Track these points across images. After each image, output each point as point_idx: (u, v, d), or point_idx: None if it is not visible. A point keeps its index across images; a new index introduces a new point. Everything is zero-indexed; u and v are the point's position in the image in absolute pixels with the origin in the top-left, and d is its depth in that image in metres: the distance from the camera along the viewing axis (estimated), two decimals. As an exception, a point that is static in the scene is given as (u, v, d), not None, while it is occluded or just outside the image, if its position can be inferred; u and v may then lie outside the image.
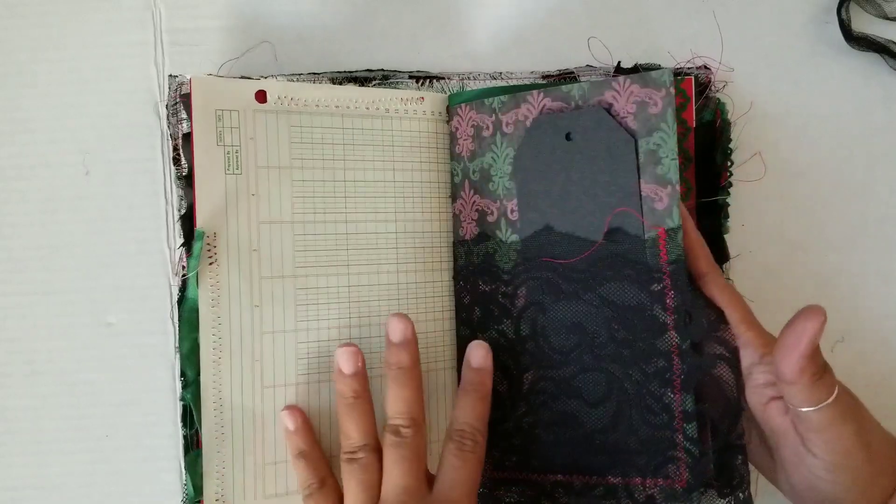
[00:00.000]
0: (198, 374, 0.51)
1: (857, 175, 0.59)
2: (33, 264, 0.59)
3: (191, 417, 0.52)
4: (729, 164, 0.55)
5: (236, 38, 0.58)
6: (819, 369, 0.45)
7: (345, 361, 0.51)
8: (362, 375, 0.51)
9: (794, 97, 0.59)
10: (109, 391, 0.58)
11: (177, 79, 0.54)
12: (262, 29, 0.58)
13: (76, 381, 0.59)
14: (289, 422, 0.51)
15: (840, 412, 0.45)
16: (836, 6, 0.59)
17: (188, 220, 0.52)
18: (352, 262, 0.54)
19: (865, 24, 0.59)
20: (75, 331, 0.59)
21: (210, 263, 0.51)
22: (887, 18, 0.59)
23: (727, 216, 0.55)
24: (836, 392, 0.45)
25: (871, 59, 0.59)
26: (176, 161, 0.54)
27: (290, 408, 0.52)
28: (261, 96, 0.52)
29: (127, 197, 0.59)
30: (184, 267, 0.53)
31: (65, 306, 0.59)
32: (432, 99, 0.56)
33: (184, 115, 0.54)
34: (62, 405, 0.59)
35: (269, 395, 0.52)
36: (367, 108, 0.54)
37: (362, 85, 0.56)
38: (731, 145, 0.55)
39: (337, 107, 0.54)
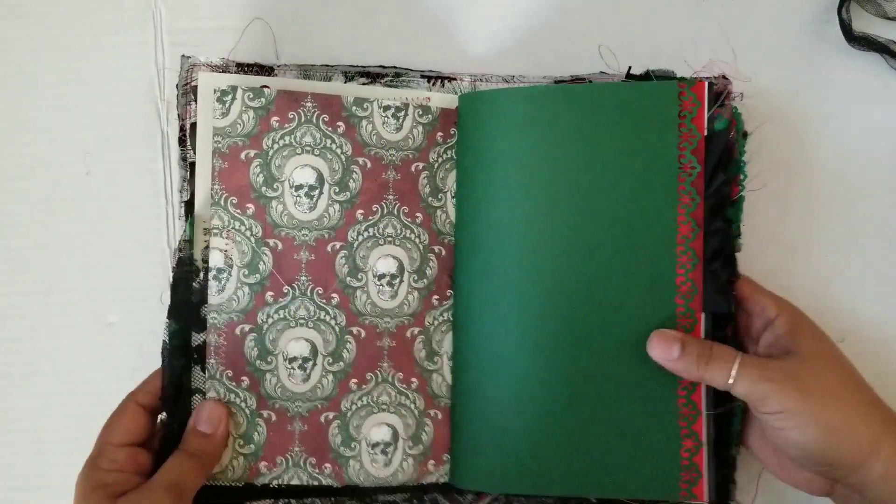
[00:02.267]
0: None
1: (858, 175, 0.58)
2: (33, 264, 0.58)
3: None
4: (741, 177, 0.53)
5: (236, 37, 0.58)
6: (695, 360, 0.49)
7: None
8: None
9: (794, 97, 0.58)
10: (109, 391, 0.55)
11: (189, 59, 0.53)
12: (262, 28, 0.58)
13: (76, 381, 0.58)
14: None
15: (752, 384, 0.48)
16: (836, 6, 0.58)
17: (191, 205, 0.53)
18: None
19: (866, 23, 0.58)
20: (75, 331, 0.58)
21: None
22: (888, 18, 0.58)
23: (738, 234, 0.53)
24: (734, 371, 0.48)
25: (872, 59, 0.59)
26: (181, 142, 0.53)
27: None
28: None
29: (127, 197, 0.58)
30: (180, 249, 0.52)
31: (65, 306, 0.58)
32: (440, 99, 0.56)
33: (192, 98, 0.53)
34: (62, 405, 0.58)
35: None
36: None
37: (374, 81, 0.55)
38: (743, 157, 0.53)
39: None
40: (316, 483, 0.53)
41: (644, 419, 0.52)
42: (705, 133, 0.52)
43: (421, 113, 0.55)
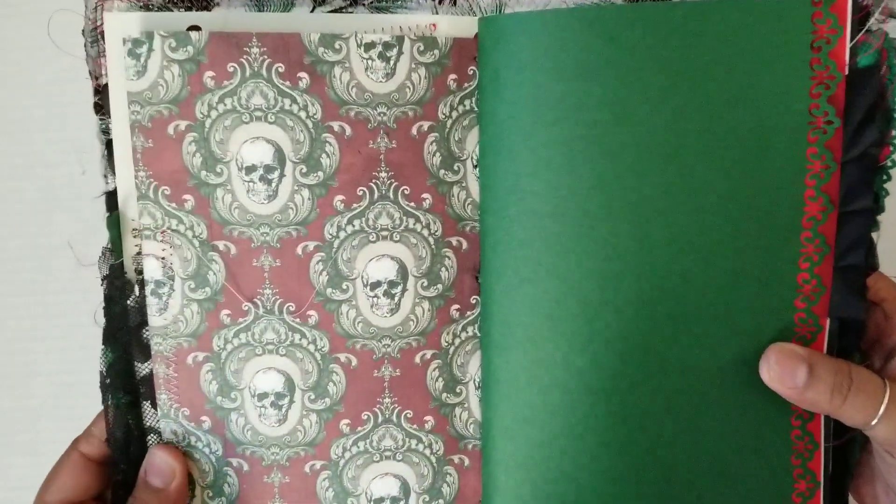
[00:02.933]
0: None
1: None
2: (31, 264, 0.57)
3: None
4: (894, 133, 0.37)
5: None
6: (829, 392, 0.37)
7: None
8: None
9: None
10: None
11: None
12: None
13: (76, 381, 0.57)
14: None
15: None
16: None
17: (114, 198, 0.40)
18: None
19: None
20: (74, 331, 0.57)
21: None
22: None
23: (882, 208, 0.37)
24: (881, 409, 0.37)
25: None
26: (98, 109, 0.39)
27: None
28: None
29: None
30: (105, 257, 0.40)
31: (62, 307, 0.57)
32: (451, 25, 0.39)
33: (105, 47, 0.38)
34: (60, 406, 0.57)
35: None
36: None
37: (353, 4, 0.38)
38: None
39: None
40: (306, 548, 0.41)
41: (746, 459, 0.40)
42: (846, 72, 0.37)
43: (423, 48, 0.38)
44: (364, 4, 0.38)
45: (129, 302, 0.40)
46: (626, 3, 0.39)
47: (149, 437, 0.41)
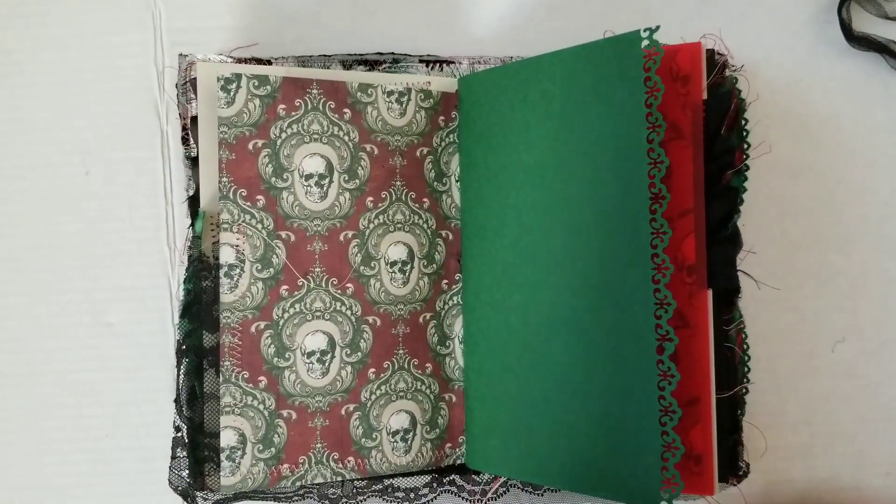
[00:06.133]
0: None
1: (858, 175, 0.57)
2: (33, 264, 0.57)
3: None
4: (745, 146, 0.51)
5: (236, 36, 0.56)
6: None
7: None
8: None
9: (794, 97, 0.57)
10: (109, 391, 0.56)
11: (187, 58, 0.50)
12: (262, 27, 0.56)
13: (76, 381, 0.57)
14: None
15: None
16: (836, 6, 0.56)
17: (195, 201, 0.50)
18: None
19: (866, 23, 0.57)
20: (75, 331, 0.57)
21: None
22: (888, 18, 0.56)
23: (742, 201, 0.51)
24: None
25: (872, 59, 0.57)
26: (185, 141, 0.49)
27: None
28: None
29: (127, 197, 0.56)
30: (189, 247, 0.50)
31: (65, 306, 0.57)
32: (440, 83, 0.53)
33: (193, 96, 0.49)
34: (62, 405, 0.57)
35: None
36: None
37: (372, 68, 0.52)
38: (745, 126, 0.51)
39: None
40: (339, 479, 0.50)
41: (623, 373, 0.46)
42: (704, 97, 0.49)
43: (423, 97, 0.52)
44: (379, 70, 0.53)
45: (205, 283, 0.49)
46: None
47: (207, 404, 0.49)
